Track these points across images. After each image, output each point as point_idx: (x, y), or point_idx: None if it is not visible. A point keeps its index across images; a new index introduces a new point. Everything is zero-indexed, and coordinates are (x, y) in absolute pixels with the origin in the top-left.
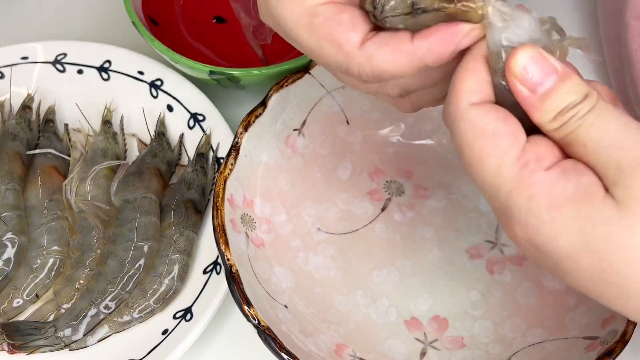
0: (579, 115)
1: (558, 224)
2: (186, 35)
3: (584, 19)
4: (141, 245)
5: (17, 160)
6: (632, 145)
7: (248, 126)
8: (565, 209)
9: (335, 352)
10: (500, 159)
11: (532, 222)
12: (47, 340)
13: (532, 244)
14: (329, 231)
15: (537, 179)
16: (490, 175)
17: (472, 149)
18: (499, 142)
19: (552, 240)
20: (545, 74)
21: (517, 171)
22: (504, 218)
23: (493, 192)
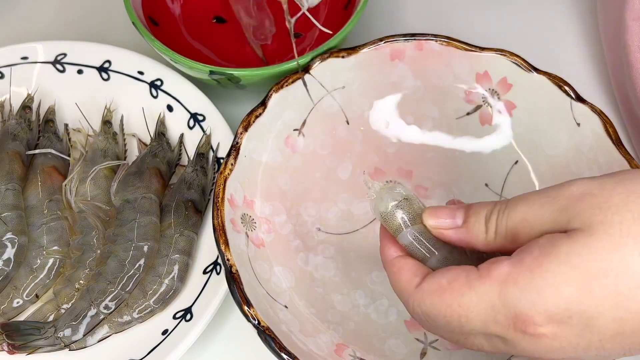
0: (501, 212)
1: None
2: (186, 35)
3: (583, 19)
4: (141, 245)
5: (17, 160)
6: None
7: (248, 126)
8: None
9: (335, 352)
10: (470, 288)
11: (535, 297)
12: (47, 340)
13: (554, 316)
14: (329, 231)
15: (506, 269)
16: (476, 304)
17: (449, 307)
18: (458, 281)
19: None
20: (451, 212)
21: (488, 280)
22: (519, 323)
23: (490, 315)
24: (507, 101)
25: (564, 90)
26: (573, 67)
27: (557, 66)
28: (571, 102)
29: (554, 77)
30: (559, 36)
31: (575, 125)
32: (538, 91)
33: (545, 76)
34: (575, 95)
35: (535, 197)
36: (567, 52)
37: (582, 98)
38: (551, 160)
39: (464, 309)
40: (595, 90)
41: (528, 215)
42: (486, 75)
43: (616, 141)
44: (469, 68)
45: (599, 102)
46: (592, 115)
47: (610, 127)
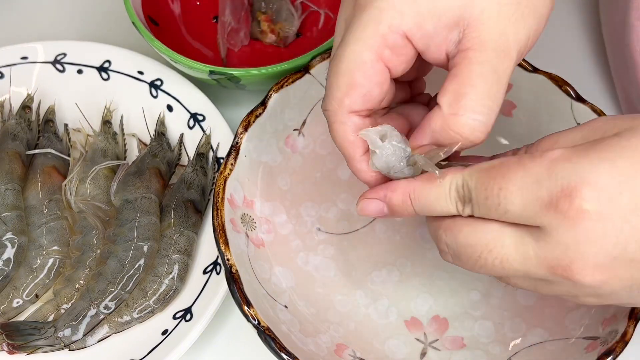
0: (532, 145)
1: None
2: (186, 35)
3: (583, 19)
4: (141, 245)
5: (17, 160)
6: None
7: (248, 126)
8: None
9: (335, 352)
10: (519, 164)
11: (588, 170)
12: (47, 340)
13: (606, 190)
14: (329, 231)
15: (559, 151)
16: (521, 178)
17: (494, 179)
18: (509, 161)
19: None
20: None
21: (540, 158)
22: (563, 199)
23: (533, 192)
24: (507, 101)
25: (564, 90)
26: (573, 67)
27: (557, 66)
28: (571, 102)
29: (554, 77)
30: (560, 36)
31: (575, 125)
32: (538, 91)
33: (546, 76)
34: (575, 95)
35: (566, 130)
36: (568, 52)
37: (583, 98)
38: None
39: (506, 181)
40: (596, 90)
41: (560, 139)
42: None
43: None
44: None
45: (599, 102)
46: (592, 116)
47: None
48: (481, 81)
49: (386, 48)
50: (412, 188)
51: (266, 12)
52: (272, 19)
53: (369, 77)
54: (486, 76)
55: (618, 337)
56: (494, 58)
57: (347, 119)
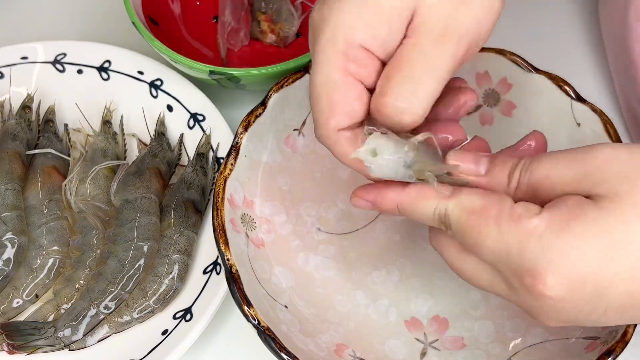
0: (525, 167)
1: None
2: (186, 35)
3: (583, 19)
4: (141, 245)
5: (17, 160)
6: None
7: (248, 126)
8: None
9: (335, 352)
10: (496, 222)
11: (556, 258)
12: (47, 340)
13: (569, 280)
14: (329, 231)
15: (535, 223)
16: (494, 240)
17: (471, 229)
18: (489, 212)
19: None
20: (476, 158)
21: (515, 225)
22: (528, 278)
23: (503, 257)
24: (507, 101)
25: (564, 90)
26: (573, 67)
27: (557, 66)
28: (571, 102)
29: (554, 77)
30: (559, 36)
31: (575, 125)
32: (538, 91)
33: (545, 76)
34: (575, 95)
35: (560, 156)
36: (567, 52)
37: (583, 98)
38: None
39: (482, 237)
40: (596, 90)
41: (552, 173)
42: (486, 75)
43: (616, 141)
44: (469, 68)
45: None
46: (592, 115)
47: (610, 127)
48: (407, 65)
49: (350, 63)
50: (401, 201)
51: (266, 12)
52: (272, 19)
53: (344, 94)
54: (413, 60)
55: (618, 337)
56: (426, 43)
57: (339, 137)
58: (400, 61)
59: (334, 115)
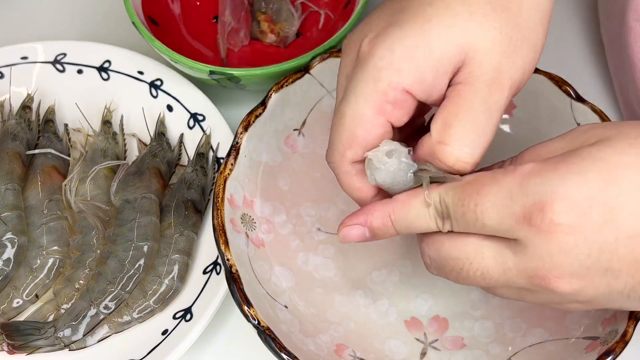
0: (514, 159)
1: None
2: (186, 35)
3: (583, 19)
4: (141, 245)
5: (17, 160)
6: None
7: (248, 126)
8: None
9: (335, 352)
10: (493, 180)
11: (559, 185)
12: (47, 340)
13: (576, 204)
14: (329, 231)
15: (531, 165)
16: (495, 194)
17: (470, 198)
18: (483, 177)
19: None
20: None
21: (512, 173)
22: (536, 213)
23: (507, 206)
24: None
25: (564, 90)
26: (573, 67)
27: (557, 66)
28: (571, 102)
29: (554, 77)
30: (559, 36)
31: (575, 126)
32: (538, 91)
33: (546, 76)
34: (575, 95)
35: (548, 140)
36: (567, 52)
37: (583, 98)
38: None
39: (481, 197)
40: (596, 90)
41: (541, 151)
42: None
43: None
44: None
45: (599, 102)
46: (592, 116)
47: None
48: (469, 113)
49: (387, 104)
50: (392, 208)
51: (266, 12)
52: (272, 19)
53: (369, 130)
54: (475, 108)
55: (618, 337)
56: (484, 90)
57: (351, 169)
58: (458, 108)
59: (353, 148)
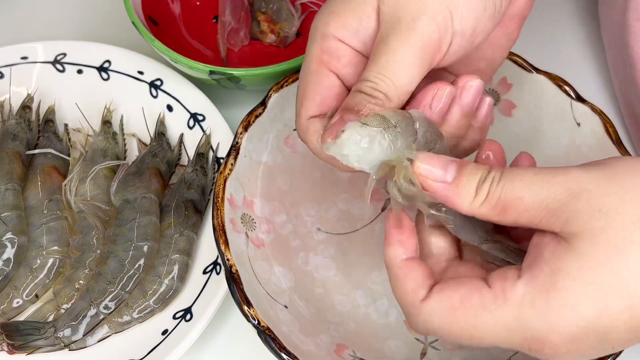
0: (495, 181)
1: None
2: (186, 35)
3: (583, 19)
4: (141, 245)
5: (17, 160)
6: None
7: (248, 126)
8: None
9: (335, 352)
10: (485, 310)
11: (554, 320)
12: (46, 340)
13: (572, 336)
14: (329, 231)
15: (521, 290)
16: (492, 327)
17: (461, 328)
18: (471, 302)
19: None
20: (443, 163)
21: (505, 304)
22: (535, 344)
23: (506, 337)
24: (507, 101)
25: (564, 90)
26: (573, 67)
27: (557, 66)
28: (571, 102)
29: (554, 77)
30: (559, 36)
31: (575, 125)
32: (538, 91)
33: (546, 76)
34: (575, 95)
35: (532, 178)
36: (567, 52)
37: (583, 98)
38: (551, 160)
39: (478, 331)
40: (596, 90)
41: (525, 196)
42: None
43: (616, 141)
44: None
45: (599, 102)
46: (592, 115)
47: (610, 127)
48: (373, 55)
49: (324, 53)
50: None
51: (266, 12)
52: (272, 19)
53: (315, 82)
54: (381, 52)
55: None
56: (390, 33)
57: (308, 125)
58: (372, 53)
59: (304, 104)
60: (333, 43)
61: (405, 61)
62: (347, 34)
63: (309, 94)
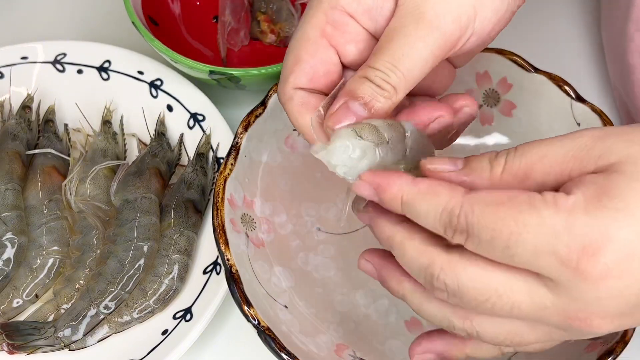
0: (512, 152)
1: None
2: (186, 35)
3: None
4: (141, 245)
5: (17, 160)
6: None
7: (248, 126)
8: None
9: (335, 352)
10: (532, 208)
11: (609, 229)
12: (46, 340)
13: (624, 253)
14: (329, 231)
15: (573, 200)
16: (535, 227)
17: (503, 223)
18: (519, 199)
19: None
20: (451, 160)
21: (554, 207)
22: (585, 257)
23: (550, 243)
24: (507, 101)
25: (564, 90)
26: (573, 67)
27: (557, 66)
28: (571, 102)
29: (554, 77)
30: (559, 36)
31: (575, 125)
32: (538, 91)
33: (546, 76)
34: (575, 95)
35: (551, 140)
36: (567, 52)
37: (583, 98)
38: None
39: (519, 226)
40: (596, 90)
41: (548, 153)
42: (486, 75)
43: None
44: (469, 68)
45: (599, 102)
46: (592, 116)
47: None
48: (389, 43)
49: (327, 24)
50: (406, 191)
51: (266, 12)
52: (272, 19)
53: (311, 53)
54: (395, 40)
55: (618, 337)
56: (410, 25)
57: (293, 94)
58: (387, 37)
59: (295, 71)
60: (341, 16)
61: (421, 58)
62: (359, 10)
63: (303, 63)
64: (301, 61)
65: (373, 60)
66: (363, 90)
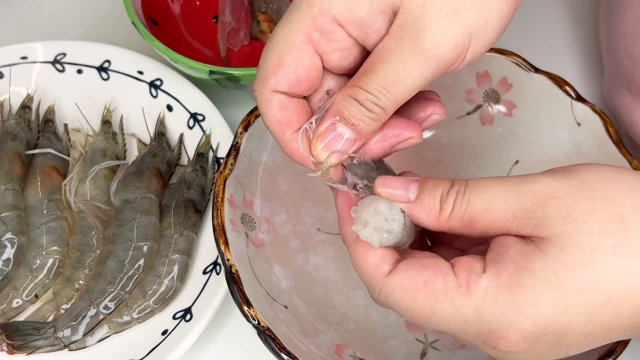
0: (460, 194)
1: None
2: (186, 35)
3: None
4: (141, 245)
5: (17, 160)
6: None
7: (248, 126)
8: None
9: (335, 352)
10: (447, 296)
11: (514, 317)
12: (46, 340)
13: (530, 335)
14: (329, 231)
15: (485, 284)
16: (451, 314)
17: (421, 310)
18: (435, 286)
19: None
20: (404, 183)
21: (467, 295)
22: (491, 339)
23: (462, 326)
24: (507, 101)
25: (564, 90)
26: (573, 67)
27: (557, 66)
28: (572, 102)
29: (554, 77)
30: (559, 36)
31: (575, 125)
32: (538, 91)
33: (546, 76)
34: (575, 95)
35: (498, 187)
36: (568, 51)
37: (583, 98)
38: (552, 160)
39: (436, 316)
40: (596, 90)
41: (491, 206)
42: (486, 75)
43: (617, 141)
44: (469, 68)
45: (599, 102)
46: (592, 115)
47: (610, 126)
48: (382, 65)
49: (315, 31)
50: (347, 241)
51: (266, 12)
52: (272, 19)
53: (296, 58)
54: (389, 62)
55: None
56: (406, 46)
57: (271, 97)
58: (376, 58)
59: (276, 74)
60: (330, 25)
61: (415, 84)
62: (350, 20)
63: (286, 68)
64: (284, 65)
65: (364, 81)
66: (351, 112)
